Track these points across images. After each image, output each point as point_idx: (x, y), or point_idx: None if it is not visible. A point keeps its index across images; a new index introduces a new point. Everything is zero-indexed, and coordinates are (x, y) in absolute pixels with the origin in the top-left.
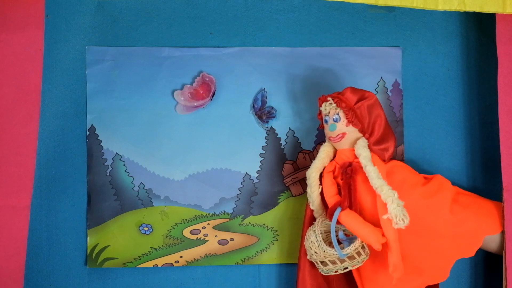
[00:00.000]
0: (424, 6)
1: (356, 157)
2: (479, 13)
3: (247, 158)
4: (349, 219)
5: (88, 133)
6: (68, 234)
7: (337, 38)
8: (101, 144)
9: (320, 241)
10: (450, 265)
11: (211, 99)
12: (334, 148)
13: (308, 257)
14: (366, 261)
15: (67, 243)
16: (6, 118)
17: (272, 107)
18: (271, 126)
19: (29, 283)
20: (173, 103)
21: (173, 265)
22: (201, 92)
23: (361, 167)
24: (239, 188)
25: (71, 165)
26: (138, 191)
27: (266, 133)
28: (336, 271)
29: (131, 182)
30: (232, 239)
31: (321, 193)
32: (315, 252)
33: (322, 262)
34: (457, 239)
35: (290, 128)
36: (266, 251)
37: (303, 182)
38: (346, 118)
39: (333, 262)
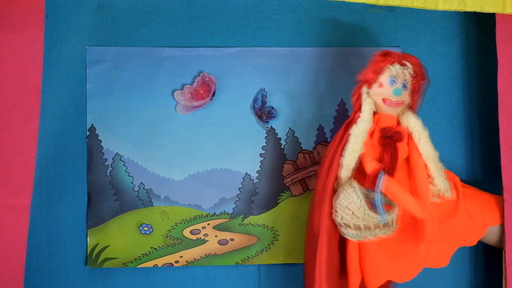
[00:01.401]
0: (424, 6)
1: (398, 124)
2: (479, 13)
3: (247, 158)
4: (392, 185)
5: (88, 133)
6: (68, 234)
7: (337, 38)
8: (101, 144)
9: (363, 202)
10: (451, 252)
11: (211, 99)
12: (375, 109)
13: (338, 219)
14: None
15: (67, 243)
16: (6, 118)
17: (272, 107)
18: (271, 126)
19: (29, 283)
20: (173, 103)
21: (173, 265)
22: (201, 92)
23: (406, 136)
24: (239, 188)
25: (71, 165)
26: (138, 191)
27: (266, 133)
28: (365, 237)
29: (131, 182)
30: (232, 239)
31: None
32: (353, 214)
33: (354, 225)
34: (461, 227)
35: (290, 128)
36: (266, 251)
37: (303, 182)
38: (414, 91)
39: (367, 227)
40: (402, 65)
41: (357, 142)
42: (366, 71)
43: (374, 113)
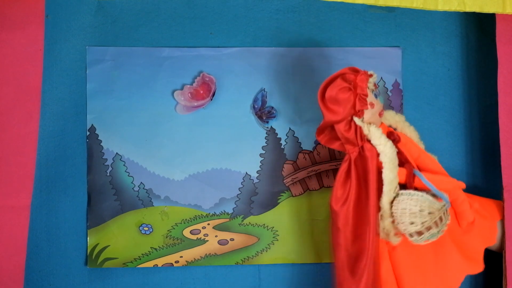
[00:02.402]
0: (424, 7)
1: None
2: (479, 13)
3: (247, 158)
4: (426, 175)
5: (88, 133)
6: (68, 234)
7: (337, 38)
8: (101, 144)
9: (427, 196)
10: (482, 255)
11: (211, 99)
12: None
13: (419, 227)
14: (401, 255)
15: (67, 243)
16: (6, 118)
17: (272, 107)
18: (271, 126)
19: (29, 283)
20: (173, 103)
21: (173, 265)
22: (201, 92)
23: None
24: (239, 188)
25: (71, 165)
26: (138, 191)
27: (266, 133)
28: (443, 230)
29: (131, 182)
30: (232, 239)
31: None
32: (429, 213)
33: (435, 223)
34: (479, 228)
35: (290, 128)
36: (266, 251)
37: (303, 182)
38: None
39: (441, 219)
40: (370, 76)
41: (395, 166)
42: (343, 109)
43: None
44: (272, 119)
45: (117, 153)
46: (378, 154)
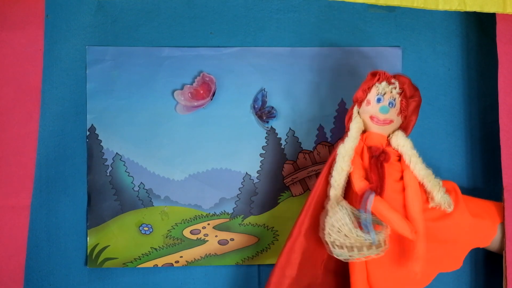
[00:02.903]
0: (425, 6)
1: (387, 144)
2: (479, 13)
3: (247, 158)
4: (382, 205)
5: (88, 133)
6: (68, 234)
7: (338, 38)
8: (101, 144)
9: (356, 224)
10: (463, 254)
11: (211, 99)
12: (363, 126)
13: (329, 239)
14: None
15: (67, 243)
16: (6, 118)
17: (272, 107)
18: (271, 126)
19: (29, 283)
20: (173, 103)
21: (173, 265)
22: (201, 92)
23: (393, 157)
24: (239, 188)
25: (71, 165)
26: (138, 191)
27: (266, 133)
28: (358, 258)
29: (131, 182)
30: (232, 239)
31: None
32: (345, 236)
33: (347, 247)
34: (469, 228)
35: (290, 128)
36: (266, 251)
37: (303, 182)
38: (401, 108)
39: (359, 249)
40: (390, 83)
41: (344, 160)
42: (357, 91)
43: (364, 131)
44: (272, 119)
45: (117, 153)
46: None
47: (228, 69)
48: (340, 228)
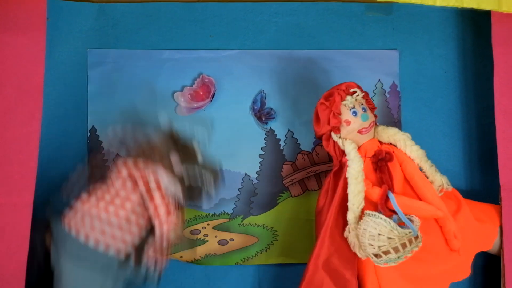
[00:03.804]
0: (422, 2)
1: (381, 144)
2: (475, 15)
3: (246, 159)
4: (403, 199)
5: (89, 134)
6: None
7: (336, 40)
8: (101, 145)
9: (393, 223)
10: (470, 260)
11: (211, 101)
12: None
13: (376, 250)
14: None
15: None
16: (9, 118)
17: (271, 109)
18: (270, 127)
19: None
20: (173, 105)
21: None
22: (201, 93)
23: (395, 153)
24: (238, 189)
25: (72, 165)
26: None
27: (266, 134)
28: (405, 256)
29: None
30: (232, 239)
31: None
32: (389, 238)
33: (393, 249)
34: (473, 233)
35: (289, 129)
36: (266, 251)
37: (302, 183)
38: (372, 106)
39: (404, 246)
40: (350, 94)
41: (358, 182)
42: (321, 124)
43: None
44: (271, 120)
45: (117, 154)
46: None
47: (227, 71)
48: (380, 233)
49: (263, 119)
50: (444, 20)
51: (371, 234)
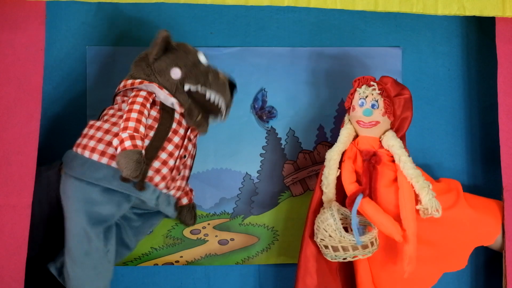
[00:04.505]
0: (424, 11)
1: (380, 146)
2: None
3: (247, 158)
4: (370, 207)
5: None
6: None
7: (338, 38)
8: None
9: (339, 225)
10: (468, 252)
11: None
12: (355, 132)
13: (317, 240)
14: (376, 253)
15: None
16: (7, 117)
17: (273, 107)
18: (271, 126)
19: None
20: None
21: (173, 264)
22: None
23: (386, 158)
24: (239, 188)
25: None
26: None
27: (267, 133)
28: (344, 258)
29: None
30: (232, 239)
31: (337, 178)
32: (330, 236)
33: (332, 247)
34: (472, 226)
35: (290, 128)
36: (266, 251)
37: (303, 182)
38: (385, 108)
39: (345, 249)
40: (369, 85)
41: (329, 165)
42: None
43: (356, 136)
44: (272, 119)
45: None
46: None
47: (228, 69)
48: (325, 228)
49: (264, 117)
50: (447, 17)
51: (318, 224)
